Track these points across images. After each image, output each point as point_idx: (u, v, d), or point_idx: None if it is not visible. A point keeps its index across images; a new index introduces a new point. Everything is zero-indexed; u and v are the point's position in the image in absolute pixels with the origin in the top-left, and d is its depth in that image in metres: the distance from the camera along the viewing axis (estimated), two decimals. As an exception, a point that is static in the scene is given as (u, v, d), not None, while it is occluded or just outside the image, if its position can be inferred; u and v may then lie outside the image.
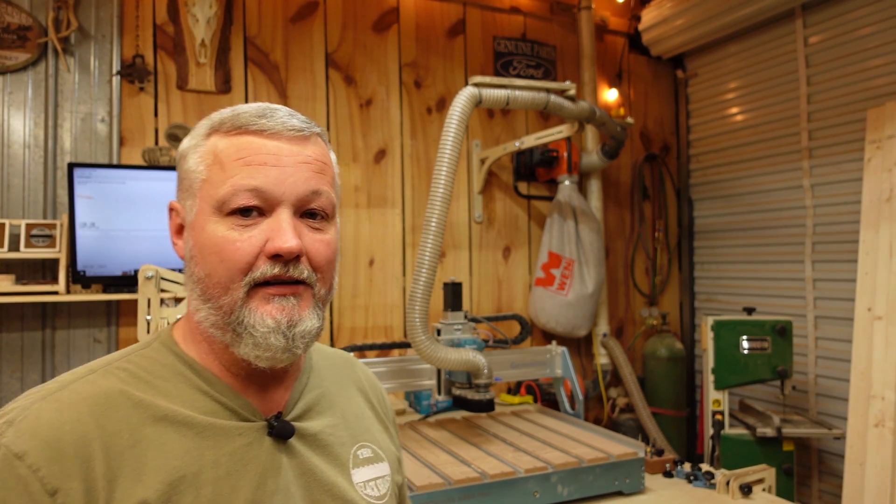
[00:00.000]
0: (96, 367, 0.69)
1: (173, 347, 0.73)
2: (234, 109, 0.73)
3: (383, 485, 0.83)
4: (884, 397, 2.28)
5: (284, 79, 2.68)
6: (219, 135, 0.72)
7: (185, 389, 0.70)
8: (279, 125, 0.71)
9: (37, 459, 0.59)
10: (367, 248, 2.81)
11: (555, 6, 3.28)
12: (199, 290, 0.70)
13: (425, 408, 2.36)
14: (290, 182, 0.69)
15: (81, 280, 2.19)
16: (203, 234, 0.69)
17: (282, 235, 0.68)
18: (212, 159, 0.70)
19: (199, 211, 0.70)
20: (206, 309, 0.69)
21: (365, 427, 0.86)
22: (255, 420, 0.72)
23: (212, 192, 0.69)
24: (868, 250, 2.45)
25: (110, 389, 0.66)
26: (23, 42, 2.26)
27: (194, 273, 0.70)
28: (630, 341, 3.44)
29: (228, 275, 0.68)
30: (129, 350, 0.73)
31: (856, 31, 2.65)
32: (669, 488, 1.70)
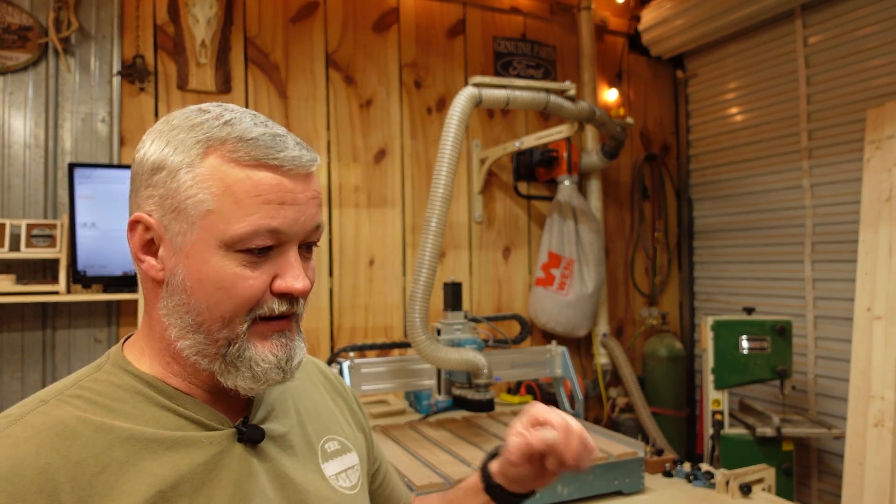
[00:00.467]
0: (46, 397, 0.66)
1: (127, 367, 0.70)
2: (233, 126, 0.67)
3: (354, 475, 0.83)
4: (883, 397, 2.28)
5: (284, 79, 2.69)
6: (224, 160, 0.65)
7: (146, 408, 0.67)
8: (295, 161, 0.68)
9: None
10: (367, 248, 2.81)
11: (555, 6, 3.28)
12: (189, 319, 0.67)
13: (425, 408, 2.37)
14: (303, 221, 0.69)
15: (82, 280, 2.20)
16: (207, 267, 0.66)
17: (294, 274, 0.68)
18: (221, 190, 0.65)
19: (198, 241, 0.65)
20: (195, 338, 0.67)
21: (328, 420, 0.86)
22: (222, 428, 0.71)
23: (222, 227, 0.65)
24: (867, 250, 2.46)
25: (67, 418, 0.63)
26: (23, 42, 2.26)
27: (187, 303, 0.67)
28: (630, 341, 3.44)
29: (235, 311, 0.66)
30: (79, 376, 0.70)
31: (855, 32, 2.65)
32: (669, 488, 1.70)
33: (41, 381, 2.25)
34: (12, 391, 2.22)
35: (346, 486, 0.81)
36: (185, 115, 0.69)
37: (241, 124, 0.67)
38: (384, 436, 1.93)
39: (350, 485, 0.82)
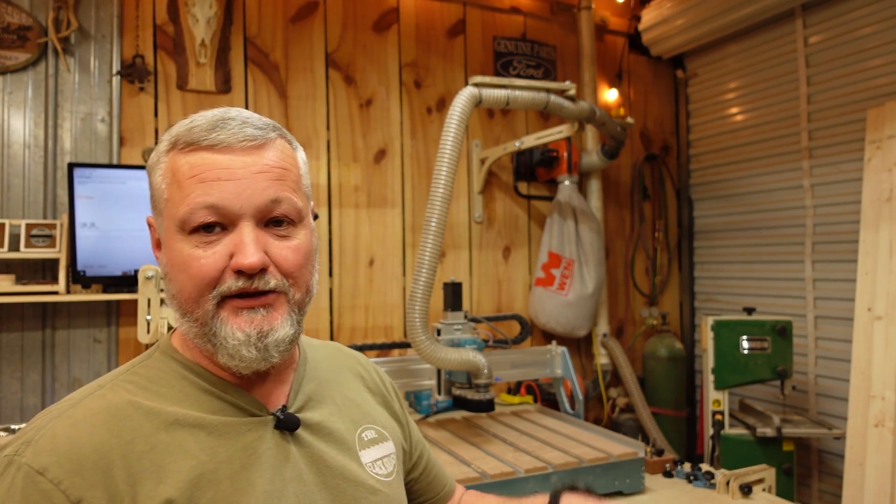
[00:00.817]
0: (104, 382, 0.72)
1: (174, 355, 0.75)
2: (190, 122, 0.72)
3: (389, 463, 0.86)
4: (884, 397, 2.28)
5: (284, 79, 2.68)
6: (175, 151, 0.72)
7: (191, 392, 0.72)
8: (230, 137, 0.70)
9: (58, 473, 0.61)
10: (367, 248, 2.81)
11: (555, 6, 3.28)
12: (175, 304, 0.73)
13: (425, 408, 2.36)
14: (247, 195, 0.69)
15: (81, 280, 2.19)
16: (172, 252, 0.71)
17: (243, 251, 0.69)
18: (171, 178, 0.71)
19: (166, 229, 0.72)
20: (185, 322, 0.72)
21: (366, 410, 0.90)
22: (261, 415, 0.75)
23: (174, 212, 0.70)
24: (868, 250, 2.45)
25: (120, 401, 0.69)
26: (23, 42, 2.26)
27: (169, 288, 0.73)
28: (630, 341, 3.44)
29: (197, 290, 0.70)
30: (133, 363, 0.76)
31: (856, 31, 2.65)
32: (669, 488, 1.70)
33: (41, 381, 2.25)
34: (12, 391, 2.22)
35: (382, 474, 0.84)
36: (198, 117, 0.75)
37: (194, 120, 0.72)
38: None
39: (386, 472, 0.85)
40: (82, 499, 0.61)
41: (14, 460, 0.62)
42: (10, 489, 0.60)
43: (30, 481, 0.60)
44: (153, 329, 2.00)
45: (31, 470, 0.61)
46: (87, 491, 0.61)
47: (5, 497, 0.60)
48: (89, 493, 0.61)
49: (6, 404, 2.21)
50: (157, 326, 1.99)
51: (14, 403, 2.21)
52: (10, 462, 0.62)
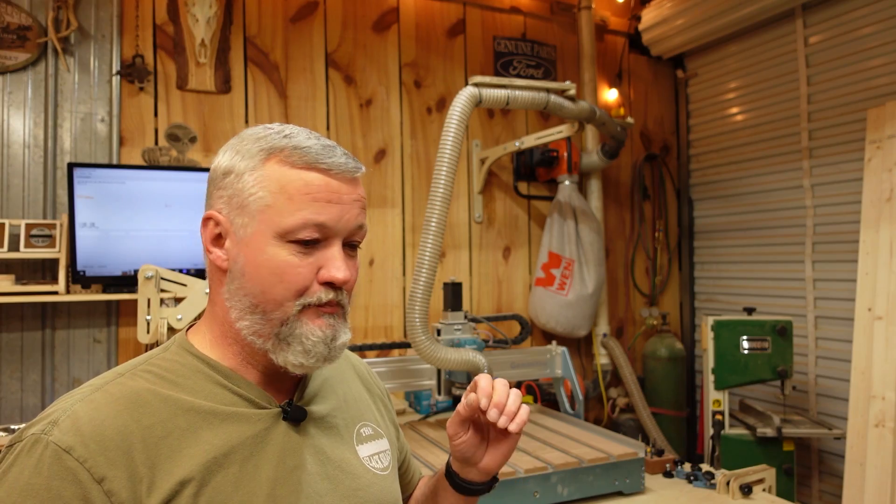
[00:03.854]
0: (123, 371, 0.76)
1: (190, 349, 0.80)
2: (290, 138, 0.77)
3: (385, 458, 0.92)
4: (884, 397, 2.28)
5: (284, 79, 2.68)
6: (281, 164, 0.76)
7: (205, 385, 0.77)
8: (343, 166, 0.78)
9: (83, 452, 0.66)
10: (367, 248, 2.81)
11: (555, 6, 3.28)
12: (247, 301, 0.76)
13: (425, 408, 2.36)
14: (346, 219, 0.78)
15: (81, 280, 2.19)
16: (262, 255, 0.75)
17: (337, 266, 0.77)
18: (277, 188, 0.75)
19: (257, 232, 0.76)
20: (252, 318, 0.76)
21: (364, 408, 0.95)
22: (270, 407, 0.80)
23: (277, 219, 0.75)
24: (868, 250, 2.45)
25: (139, 388, 0.73)
26: (23, 42, 2.26)
27: (245, 287, 0.76)
28: (630, 341, 3.44)
29: (285, 294, 0.75)
30: (150, 354, 0.80)
31: (856, 31, 2.65)
32: (669, 488, 1.70)
33: (40, 381, 2.25)
34: (12, 391, 2.21)
35: (378, 468, 0.90)
36: (254, 131, 0.80)
37: (298, 136, 0.78)
38: (384, 436, 1.92)
39: (381, 466, 0.91)
40: (105, 477, 0.66)
41: (41, 438, 0.66)
42: (37, 465, 0.65)
43: (56, 458, 0.65)
44: (153, 329, 2.00)
45: (58, 448, 0.65)
46: (109, 470, 0.66)
47: (33, 472, 0.64)
48: (111, 472, 0.66)
49: (6, 404, 2.21)
50: (156, 326, 1.99)
51: (14, 403, 2.21)
52: (38, 440, 0.66)
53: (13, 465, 0.66)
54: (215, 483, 0.71)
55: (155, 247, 2.27)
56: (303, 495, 0.77)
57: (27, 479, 0.64)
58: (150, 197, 2.28)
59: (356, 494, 0.83)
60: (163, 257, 2.23)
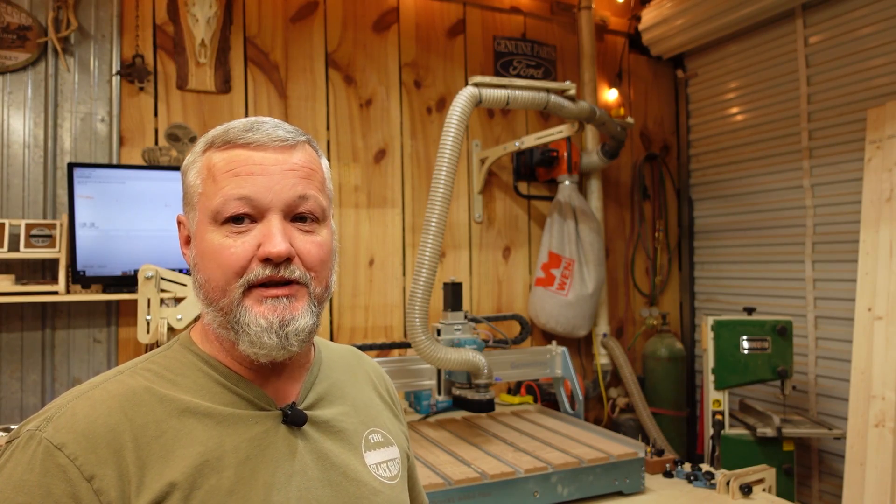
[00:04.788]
0: (124, 368, 0.76)
1: (192, 347, 0.79)
2: (226, 126, 0.78)
3: (394, 466, 0.89)
4: (884, 397, 2.28)
5: (284, 79, 2.68)
6: (212, 150, 0.77)
7: (205, 384, 0.76)
8: (265, 137, 0.76)
9: (74, 450, 0.66)
10: (367, 248, 2.81)
11: (555, 6, 3.28)
12: (202, 294, 0.76)
13: (425, 408, 2.36)
14: (277, 189, 0.75)
15: (81, 280, 2.19)
16: (203, 243, 0.75)
17: (271, 240, 0.73)
18: (206, 173, 0.76)
19: (198, 222, 0.77)
20: (211, 312, 0.76)
21: (375, 414, 0.92)
22: (270, 409, 0.78)
23: (207, 204, 0.75)
24: (868, 250, 2.45)
25: (137, 387, 0.73)
26: (23, 42, 2.26)
27: (198, 279, 0.77)
28: (630, 341, 3.44)
29: (225, 278, 0.74)
30: (153, 353, 0.80)
31: (856, 31, 2.65)
32: (669, 488, 1.70)
33: (40, 381, 2.25)
34: (12, 391, 2.21)
35: (386, 476, 0.86)
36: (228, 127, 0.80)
37: (232, 124, 0.78)
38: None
39: (389, 475, 0.87)
40: (94, 475, 0.65)
41: (35, 434, 0.66)
42: (30, 461, 0.65)
43: (48, 455, 0.65)
44: (153, 329, 2.00)
45: (50, 444, 0.65)
46: (99, 468, 0.66)
47: (26, 468, 0.65)
48: (101, 470, 0.66)
49: (6, 404, 2.21)
50: (156, 326, 1.99)
51: (14, 403, 2.21)
52: (32, 436, 0.67)
53: (8, 461, 0.66)
54: (208, 487, 0.69)
55: (155, 247, 2.27)
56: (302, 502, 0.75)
57: (20, 475, 0.64)
58: (150, 197, 2.28)
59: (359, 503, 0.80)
60: (163, 257, 2.23)
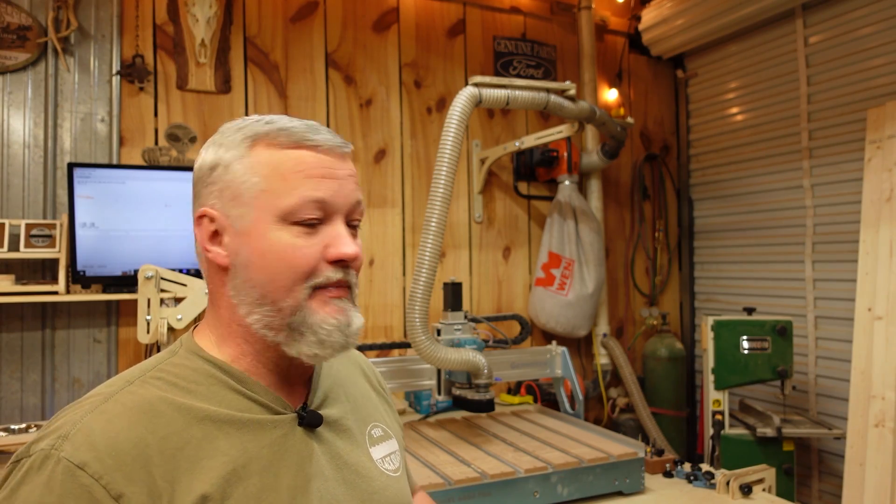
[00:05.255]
0: (131, 378, 0.72)
1: (200, 353, 0.76)
2: (277, 123, 0.75)
3: (396, 459, 0.90)
4: (884, 397, 2.28)
5: (284, 79, 2.68)
6: (269, 147, 0.74)
7: (218, 390, 0.73)
8: (330, 141, 0.76)
9: (98, 468, 0.61)
10: (367, 248, 2.81)
11: (555, 6, 3.28)
12: (255, 293, 0.73)
13: (425, 408, 2.36)
14: (344, 194, 0.76)
15: (81, 280, 2.19)
16: (265, 242, 0.73)
17: (344, 242, 0.75)
18: (269, 170, 0.73)
19: (256, 219, 0.73)
20: (262, 310, 0.73)
21: (373, 407, 0.93)
22: (285, 412, 0.76)
23: (275, 202, 0.73)
24: (868, 250, 2.45)
25: (152, 397, 0.69)
26: (22, 42, 2.26)
27: (251, 278, 0.73)
28: (630, 341, 3.44)
29: (293, 278, 0.73)
30: (158, 360, 0.75)
31: (856, 31, 2.65)
32: (669, 488, 1.70)
33: (40, 382, 2.25)
34: (12, 391, 2.21)
35: (391, 469, 0.87)
36: (233, 123, 0.78)
37: (279, 121, 0.76)
38: (384, 436, 1.92)
39: (393, 468, 0.88)
40: (122, 494, 0.62)
41: (51, 454, 0.62)
42: (48, 483, 0.60)
43: (70, 475, 0.61)
44: (153, 329, 2.00)
45: (70, 464, 0.61)
46: (127, 486, 0.62)
47: (44, 491, 0.60)
48: (129, 488, 0.62)
49: (6, 404, 2.21)
50: (156, 326, 1.99)
51: (14, 403, 2.21)
52: (48, 456, 0.62)
53: (22, 484, 0.61)
54: (237, 496, 0.68)
55: (155, 247, 2.27)
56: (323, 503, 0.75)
57: (38, 498, 0.60)
58: (151, 197, 2.28)
59: (373, 499, 0.81)
60: (163, 257, 2.23)
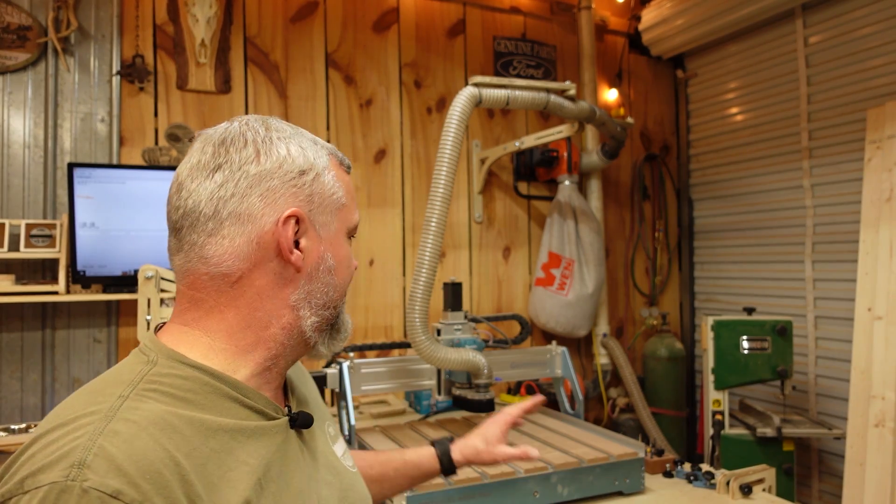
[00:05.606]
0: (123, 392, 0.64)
1: (185, 360, 0.70)
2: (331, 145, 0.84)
3: (349, 455, 0.92)
4: (884, 397, 2.28)
5: (284, 79, 2.68)
6: (339, 166, 0.82)
7: (216, 399, 0.68)
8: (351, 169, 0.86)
9: (136, 495, 0.55)
10: (367, 248, 2.81)
11: (555, 6, 3.28)
12: (327, 297, 0.78)
13: (425, 408, 2.36)
14: None
15: (81, 280, 2.19)
16: (342, 251, 0.80)
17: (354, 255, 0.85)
18: (345, 188, 0.80)
19: (337, 230, 0.79)
20: (324, 314, 0.78)
21: (321, 406, 0.94)
22: (279, 416, 0.75)
23: (349, 217, 0.81)
24: (868, 250, 2.45)
25: (160, 412, 0.63)
26: (23, 42, 2.26)
27: (331, 283, 0.78)
28: (630, 341, 3.44)
29: (348, 283, 0.82)
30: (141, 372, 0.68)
31: (856, 31, 2.65)
32: (669, 488, 1.70)
33: (40, 382, 2.25)
34: (12, 391, 2.21)
35: (350, 465, 0.89)
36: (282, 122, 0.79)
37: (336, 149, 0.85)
38: (384, 436, 1.92)
39: (350, 464, 0.90)
40: None
41: (69, 486, 0.54)
42: None
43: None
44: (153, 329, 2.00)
45: (101, 494, 0.54)
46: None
47: None
48: None
49: (6, 404, 2.21)
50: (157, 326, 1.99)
51: (14, 403, 2.21)
52: (66, 489, 0.54)
53: None
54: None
55: (155, 247, 2.27)
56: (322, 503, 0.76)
57: None
58: (151, 197, 2.28)
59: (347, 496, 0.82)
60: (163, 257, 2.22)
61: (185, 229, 0.72)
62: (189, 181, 0.72)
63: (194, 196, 0.71)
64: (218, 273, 0.71)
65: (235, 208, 0.71)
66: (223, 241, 0.71)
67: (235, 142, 0.73)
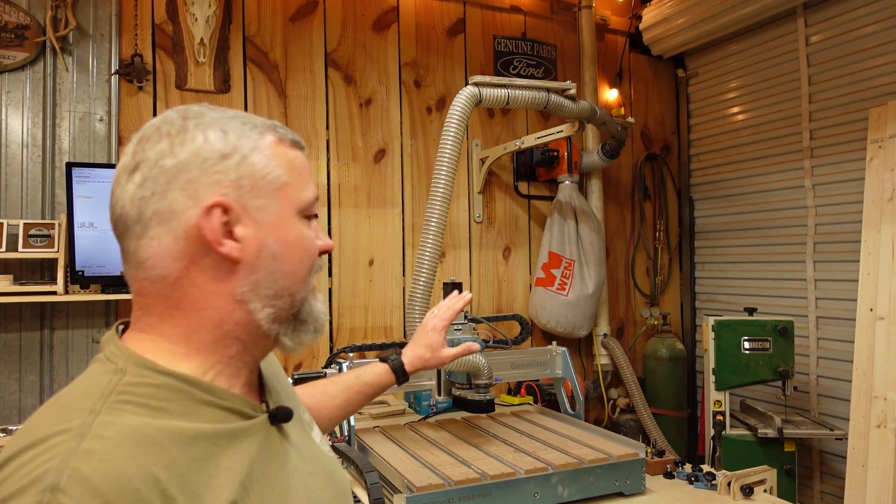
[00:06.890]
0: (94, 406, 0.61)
1: (155, 367, 0.67)
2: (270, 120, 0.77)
3: (325, 441, 0.90)
4: (886, 398, 2.27)
5: (284, 78, 2.68)
6: (278, 142, 0.75)
7: (190, 405, 0.66)
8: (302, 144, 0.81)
9: None
10: (367, 248, 2.80)
11: (555, 5, 3.27)
12: (276, 286, 0.72)
13: (425, 408, 2.36)
14: None
15: (80, 280, 2.19)
16: (290, 234, 0.74)
17: (324, 235, 0.80)
18: (288, 165, 0.74)
19: (281, 211, 0.73)
20: (278, 304, 0.73)
21: (293, 393, 0.92)
22: (256, 414, 0.73)
23: (296, 196, 0.74)
24: (870, 250, 2.44)
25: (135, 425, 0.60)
26: (21, 41, 2.25)
27: (277, 271, 0.72)
28: (631, 342, 3.43)
29: (308, 270, 0.76)
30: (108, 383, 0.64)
31: (857, 31, 2.64)
32: (670, 489, 1.69)
33: (39, 382, 2.24)
34: (10, 392, 2.21)
35: (327, 451, 0.87)
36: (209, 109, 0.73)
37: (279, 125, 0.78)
38: (384, 436, 1.92)
39: (328, 449, 0.89)
40: None
41: None
42: None
43: None
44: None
45: None
46: None
47: None
48: None
49: (4, 405, 2.20)
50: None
51: (12, 404, 2.21)
52: None
53: None
54: None
55: (154, 247, 2.26)
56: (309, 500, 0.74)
57: None
58: (149, 197, 2.27)
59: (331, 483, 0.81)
60: (162, 257, 2.22)
61: (121, 237, 0.70)
62: (116, 186, 0.70)
63: (121, 201, 0.69)
64: (156, 276, 0.69)
65: (158, 207, 0.67)
66: (152, 243, 0.68)
67: (151, 137, 0.69)
